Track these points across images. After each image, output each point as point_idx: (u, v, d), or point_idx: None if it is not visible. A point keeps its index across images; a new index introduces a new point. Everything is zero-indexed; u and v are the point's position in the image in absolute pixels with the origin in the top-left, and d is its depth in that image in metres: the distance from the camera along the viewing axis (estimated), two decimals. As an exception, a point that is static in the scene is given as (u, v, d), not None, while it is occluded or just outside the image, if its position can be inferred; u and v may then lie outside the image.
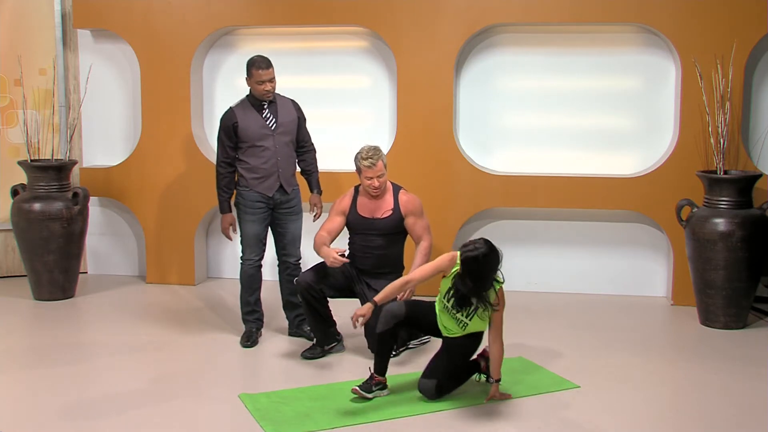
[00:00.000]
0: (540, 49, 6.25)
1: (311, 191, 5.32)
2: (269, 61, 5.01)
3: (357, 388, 4.22)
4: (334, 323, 4.94)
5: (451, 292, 4.17)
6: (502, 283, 4.17)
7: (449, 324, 4.26)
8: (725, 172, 5.58)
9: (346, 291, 4.89)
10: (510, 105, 6.34)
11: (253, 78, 4.99)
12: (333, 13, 6.17)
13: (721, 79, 5.69)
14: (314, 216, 5.31)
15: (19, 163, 6.17)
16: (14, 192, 6.13)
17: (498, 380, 4.22)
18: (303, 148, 5.25)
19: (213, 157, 6.08)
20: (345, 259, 4.67)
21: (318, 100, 6.50)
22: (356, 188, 4.98)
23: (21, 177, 6.27)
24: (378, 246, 4.85)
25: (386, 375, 4.29)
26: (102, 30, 6.61)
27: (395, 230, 4.87)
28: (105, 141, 6.82)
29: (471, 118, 6.35)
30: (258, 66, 4.97)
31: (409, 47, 6.13)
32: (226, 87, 6.58)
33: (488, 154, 6.39)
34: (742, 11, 5.74)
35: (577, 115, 6.27)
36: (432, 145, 6.15)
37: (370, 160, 4.76)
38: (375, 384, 4.24)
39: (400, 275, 4.92)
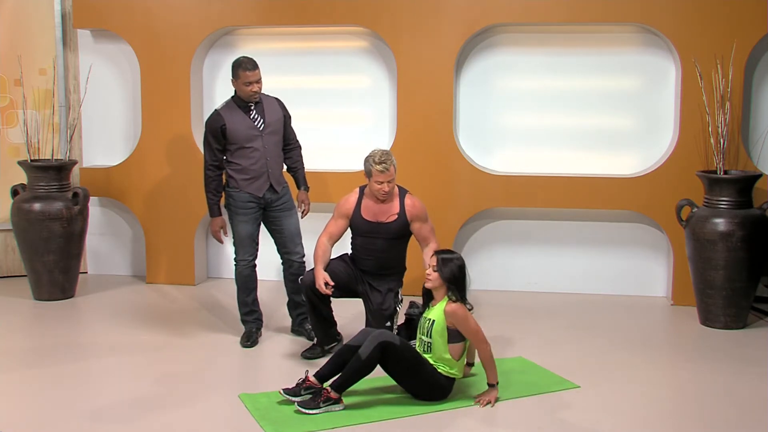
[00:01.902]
0: (540, 49, 6.25)
1: (298, 188, 5.29)
2: (255, 62, 4.95)
3: (284, 391, 4.17)
4: (335, 323, 4.94)
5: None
6: (457, 301, 4.17)
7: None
8: (725, 172, 5.58)
9: (349, 291, 4.87)
10: (510, 105, 6.33)
11: (240, 79, 4.93)
12: (333, 13, 6.17)
13: (721, 79, 5.69)
14: (302, 213, 5.30)
15: (19, 163, 6.17)
16: (14, 192, 6.13)
17: (494, 384, 4.21)
18: (289, 145, 5.22)
19: (213, 157, 6.07)
20: (328, 291, 4.65)
21: (318, 100, 6.51)
22: (361, 189, 4.89)
23: (21, 177, 6.26)
24: (380, 249, 4.80)
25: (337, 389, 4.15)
26: (102, 30, 6.61)
27: (399, 234, 4.80)
28: (105, 141, 6.82)
29: (471, 118, 6.35)
30: (245, 67, 4.91)
31: (409, 47, 6.12)
32: (226, 87, 6.53)
33: (488, 154, 6.38)
34: (742, 11, 5.74)
35: (577, 115, 6.27)
36: (432, 145, 6.15)
37: (383, 164, 4.64)
38: (305, 388, 4.15)
39: (402, 276, 4.92)
